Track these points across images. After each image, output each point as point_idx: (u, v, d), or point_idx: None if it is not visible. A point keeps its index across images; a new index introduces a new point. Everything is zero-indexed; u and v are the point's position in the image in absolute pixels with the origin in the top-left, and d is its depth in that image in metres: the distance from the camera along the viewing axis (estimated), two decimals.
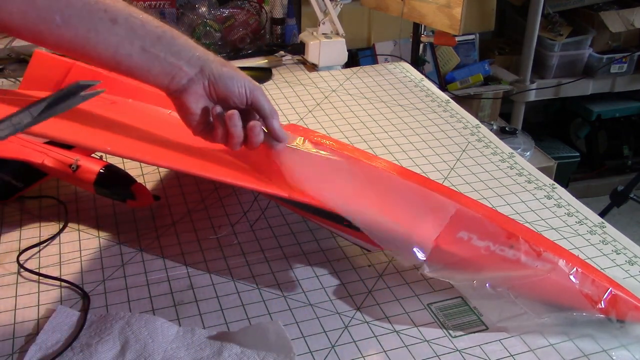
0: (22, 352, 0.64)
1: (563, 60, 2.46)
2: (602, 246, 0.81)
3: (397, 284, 0.75)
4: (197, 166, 0.71)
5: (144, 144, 0.71)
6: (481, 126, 1.13)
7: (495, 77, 2.44)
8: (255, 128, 0.68)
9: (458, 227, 0.68)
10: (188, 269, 0.77)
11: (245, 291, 0.73)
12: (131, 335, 0.65)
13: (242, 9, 1.58)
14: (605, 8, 2.46)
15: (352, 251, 0.80)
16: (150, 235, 0.83)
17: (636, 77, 2.54)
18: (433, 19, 1.63)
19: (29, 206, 0.88)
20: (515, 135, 2.27)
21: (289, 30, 1.64)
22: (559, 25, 2.46)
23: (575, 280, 0.65)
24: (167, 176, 0.96)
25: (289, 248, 0.81)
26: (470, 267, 0.67)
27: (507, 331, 0.67)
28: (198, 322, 0.69)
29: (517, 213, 0.88)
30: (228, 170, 0.73)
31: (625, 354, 0.65)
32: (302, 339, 0.67)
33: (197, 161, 0.72)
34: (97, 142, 0.67)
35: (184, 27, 1.49)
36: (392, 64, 1.42)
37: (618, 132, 2.80)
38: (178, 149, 0.74)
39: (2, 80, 1.29)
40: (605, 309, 0.65)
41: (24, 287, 0.74)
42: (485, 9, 2.23)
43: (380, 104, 1.21)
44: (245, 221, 0.86)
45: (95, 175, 0.81)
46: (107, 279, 0.75)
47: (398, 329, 0.68)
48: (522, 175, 0.97)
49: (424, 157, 1.02)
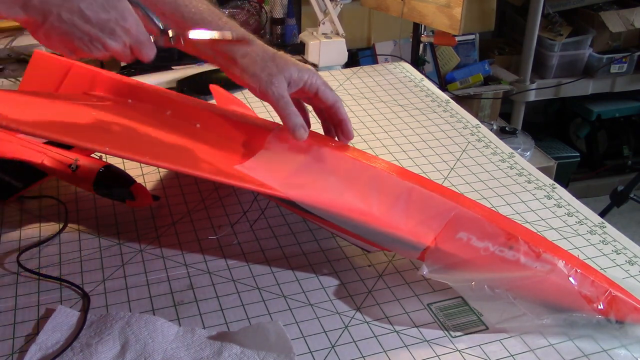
0: (22, 352, 0.64)
1: (563, 60, 2.46)
2: (602, 246, 0.81)
3: (397, 284, 0.75)
4: (196, 167, 0.71)
5: (143, 144, 0.71)
6: (481, 126, 1.13)
7: (495, 77, 2.44)
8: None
9: (457, 228, 0.68)
10: (188, 269, 0.77)
11: (245, 291, 0.73)
12: (131, 335, 0.65)
13: (242, 9, 1.58)
14: (605, 8, 2.46)
15: (352, 251, 0.80)
16: (150, 235, 0.83)
17: (636, 77, 2.55)
18: (433, 19, 1.63)
19: (29, 206, 0.88)
20: (515, 135, 2.27)
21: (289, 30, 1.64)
22: (559, 25, 2.46)
23: (575, 282, 0.65)
24: (167, 176, 0.96)
25: (289, 248, 0.81)
26: (469, 267, 0.67)
27: (507, 332, 0.67)
28: (198, 322, 0.69)
29: (517, 213, 0.88)
30: (227, 171, 0.73)
31: (625, 354, 0.65)
32: (302, 339, 0.67)
33: (196, 162, 0.72)
34: (96, 143, 0.67)
35: None
36: (392, 64, 1.42)
37: (618, 132, 2.80)
38: (177, 150, 0.74)
39: (2, 80, 1.29)
40: (604, 310, 0.65)
41: (24, 287, 0.74)
42: (485, 9, 2.24)
43: (380, 104, 1.21)
44: (245, 221, 0.86)
45: (94, 175, 0.81)
46: (107, 279, 0.75)
47: (398, 329, 0.68)
48: (522, 175, 0.97)
49: (424, 157, 1.02)
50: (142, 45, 0.69)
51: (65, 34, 0.65)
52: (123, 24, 0.66)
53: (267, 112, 1.13)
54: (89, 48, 0.66)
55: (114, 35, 0.66)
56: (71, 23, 0.64)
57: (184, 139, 0.77)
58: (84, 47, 0.66)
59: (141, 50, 0.69)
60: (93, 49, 0.66)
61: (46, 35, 0.65)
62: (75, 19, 0.64)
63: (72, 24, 0.64)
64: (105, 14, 0.64)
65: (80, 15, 0.64)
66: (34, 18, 0.63)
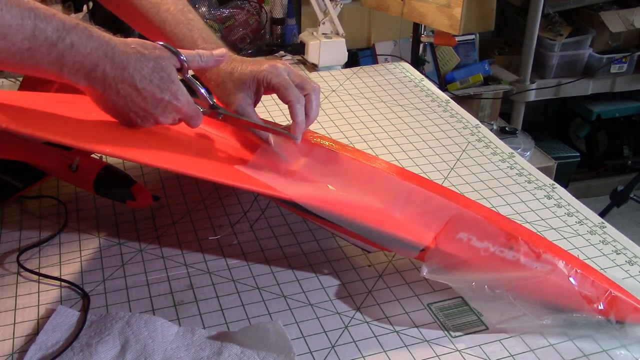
0: (22, 352, 0.64)
1: (563, 60, 2.46)
2: (602, 246, 0.81)
3: (397, 284, 0.75)
4: (197, 168, 0.71)
5: (143, 145, 0.71)
6: (481, 126, 1.13)
7: (495, 77, 2.44)
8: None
9: (457, 228, 0.68)
10: (188, 269, 0.77)
11: (245, 291, 0.73)
12: (131, 335, 0.65)
13: (242, 9, 1.58)
14: (605, 8, 2.46)
15: (352, 251, 0.80)
16: (150, 235, 0.83)
17: (636, 77, 2.55)
18: (433, 19, 1.63)
19: (29, 206, 0.88)
20: (515, 135, 2.27)
21: (289, 30, 1.64)
22: (559, 25, 2.46)
23: (575, 282, 0.65)
24: (167, 176, 0.96)
25: (289, 248, 0.81)
26: (469, 268, 0.67)
27: (507, 332, 0.67)
28: (198, 322, 0.69)
29: (517, 213, 0.88)
30: (227, 172, 0.73)
31: (625, 354, 0.65)
32: (302, 339, 0.67)
33: (196, 163, 0.72)
34: (96, 144, 0.67)
35: None
36: (392, 64, 1.42)
37: (618, 132, 2.80)
38: (177, 151, 0.74)
39: (2, 80, 1.29)
40: (604, 310, 0.65)
41: (24, 287, 0.74)
42: (485, 9, 2.23)
43: (380, 104, 1.21)
44: (245, 221, 0.86)
45: (94, 175, 0.81)
46: (107, 279, 0.75)
47: (398, 329, 0.68)
48: (522, 175, 0.97)
49: (424, 157, 1.02)
50: (192, 119, 0.73)
51: (121, 106, 0.69)
52: (176, 104, 0.70)
53: (267, 112, 1.13)
54: (142, 121, 0.70)
55: (165, 112, 0.70)
56: (129, 98, 0.68)
57: (184, 140, 0.77)
58: (137, 119, 0.70)
59: (189, 122, 0.73)
60: (146, 122, 0.71)
61: (104, 104, 0.69)
62: (133, 95, 0.68)
63: (130, 99, 0.68)
64: (160, 94, 0.68)
65: (137, 92, 0.68)
66: (95, 88, 0.67)
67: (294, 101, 0.75)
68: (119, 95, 0.67)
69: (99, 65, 0.65)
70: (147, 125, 0.71)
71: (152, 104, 0.69)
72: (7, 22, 0.57)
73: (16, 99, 0.79)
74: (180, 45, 0.78)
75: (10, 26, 0.57)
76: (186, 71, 0.72)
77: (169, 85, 0.69)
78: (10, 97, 0.84)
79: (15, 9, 0.57)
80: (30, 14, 0.58)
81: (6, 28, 0.57)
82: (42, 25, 0.59)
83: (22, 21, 0.58)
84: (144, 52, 0.68)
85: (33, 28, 0.59)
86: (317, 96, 0.78)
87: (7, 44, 0.58)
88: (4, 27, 0.57)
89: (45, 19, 0.60)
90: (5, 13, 0.57)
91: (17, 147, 0.84)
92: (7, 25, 0.57)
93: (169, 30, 0.81)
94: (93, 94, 0.68)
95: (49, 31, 0.60)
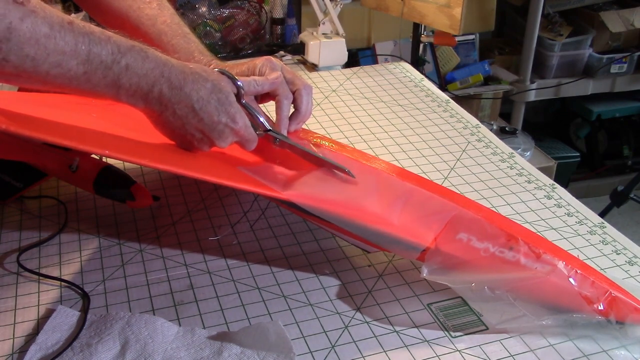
0: (22, 352, 0.64)
1: (563, 60, 2.46)
2: (602, 246, 0.81)
3: (397, 284, 0.75)
4: (197, 169, 0.71)
5: (142, 146, 0.71)
6: (481, 126, 1.13)
7: (495, 77, 2.44)
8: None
9: (457, 229, 0.68)
10: (188, 269, 0.77)
11: (245, 291, 0.73)
12: (131, 335, 0.65)
13: (242, 9, 1.58)
14: (605, 8, 2.46)
15: (352, 251, 0.80)
16: (150, 235, 0.83)
17: (636, 77, 2.55)
18: (433, 19, 1.63)
19: (29, 206, 0.88)
20: (515, 135, 2.27)
21: (289, 30, 1.64)
22: (559, 25, 2.46)
23: (575, 282, 0.65)
24: (167, 176, 0.96)
25: (289, 248, 0.81)
26: (469, 268, 0.67)
27: (507, 332, 0.67)
28: (198, 322, 0.69)
29: (517, 213, 0.88)
30: (227, 172, 0.73)
31: (625, 354, 0.65)
32: (302, 339, 0.67)
33: (196, 164, 0.72)
34: (96, 146, 0.67)
35: None
36: (392, 64, 1.42)
37: (618, 132, 2.81)
38: (177, 152, 0.73)
39: None
40: (604, 310, 0.65)
41: (24, 287, 0.74)
42: (485, 9, 2.23)
43: (380, 104, 1.21)
44: (245, 221, 0.86)
45: (94, 175, 0.81)
46: (107, 279, 0.75)
47: (398, 329, 0.68)
48: (522, 175, 0.97)
49: (424, 157, 1.02)
50: (248, 142, 0.73)
51: (178, 127, 0.69)
52: (233, 126, 0.69)
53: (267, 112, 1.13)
54: (198, 143, 0.70)
55: (222, 135, 0.70)
56: (185, 120, 0.68)
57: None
58: (194, 142, 0.70)
59: (245, 145, 0.73)
60: (203, 146, 0.71)
61: (162, 125, 0.69)
62: (189, 117, 0.67)
63: (187, 120, 0.68)
64: (217, 117, 0.68)
65: (194, 114, 0.67)
66: (153, 109, 0.67)
67: (281, 96, 0.76)
68: (176, 116, 0.67)
69: (155, 85, 0.65)
70: (203, 148, 0.71)
71: (209, 126, 0.68)
72: (61, 48, 0.57)
73: (16, 100, 0.79)
74: (176, 56, 0.78)
75: (64, 52, 0.57)
76: (242, 97, 0.72)
77: (227, 107, 0.68)
78: (10, 97, 0.84)
79: (69, 36, 0.57)
80: (84, 39, 0.59)
81: (60, 55, 0.57)
82: (97, 50, 0.59)
83: (75, 47, 0.58)
84: (202, 74, 0.68)
85: (87, 53, 0.59)
86: (307, 92, 0.79)
87: (62, 70, 0.58)
88: (58, 54, 0.57)
89: (99, 42, 0.60)
90: (59, 40, 0.57)
91: (17, 148, 0.84)
92: (61, 52, 0.57)
93: (167, 41, 0.81)
94: (151, 115, 0.68)
95: (104, 55, 0.60)
